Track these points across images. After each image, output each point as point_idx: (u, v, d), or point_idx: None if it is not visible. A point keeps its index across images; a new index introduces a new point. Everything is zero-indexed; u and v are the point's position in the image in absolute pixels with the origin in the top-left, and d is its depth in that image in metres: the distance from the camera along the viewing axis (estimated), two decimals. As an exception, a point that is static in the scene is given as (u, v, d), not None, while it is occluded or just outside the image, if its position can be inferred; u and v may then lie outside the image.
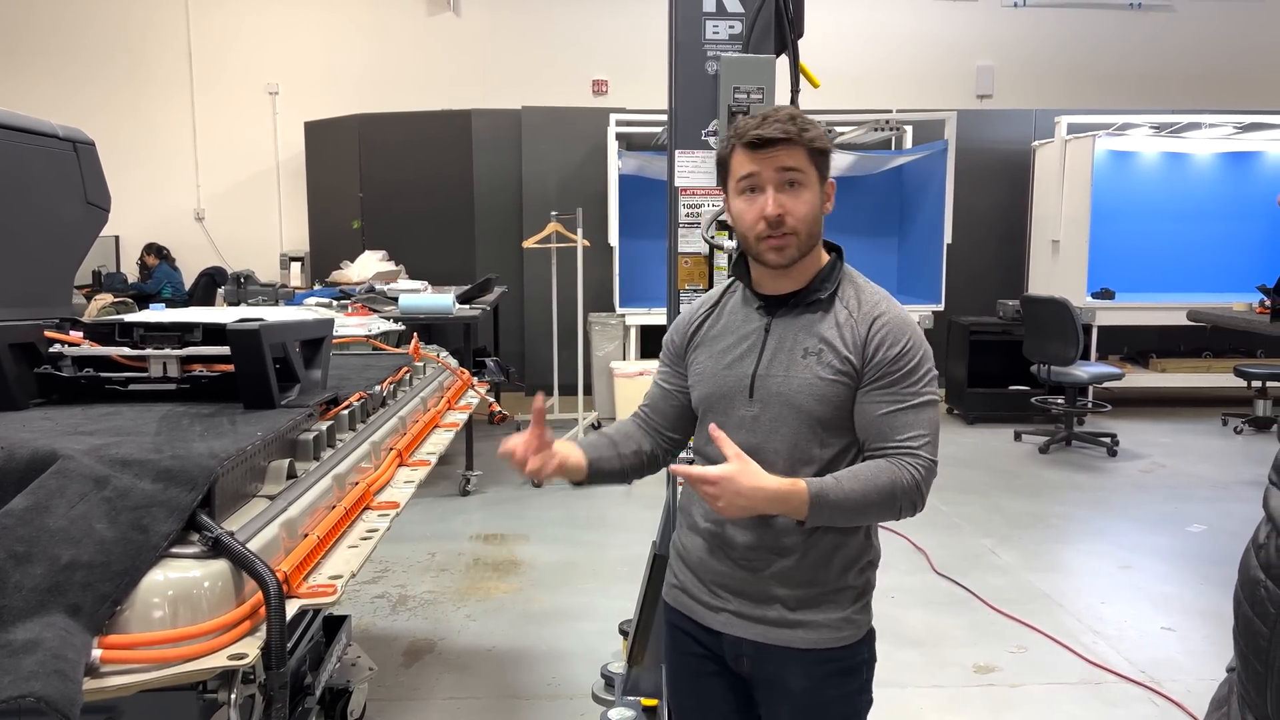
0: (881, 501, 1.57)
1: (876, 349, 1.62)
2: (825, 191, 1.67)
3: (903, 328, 1.64)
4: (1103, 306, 8.01)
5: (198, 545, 1.29)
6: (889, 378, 1.61)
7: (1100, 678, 3.50)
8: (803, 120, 1.63)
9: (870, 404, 1.62)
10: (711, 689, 1.81)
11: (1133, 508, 5.61)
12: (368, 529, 1.71)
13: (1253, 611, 1.00)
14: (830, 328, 1.65)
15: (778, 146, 1.60)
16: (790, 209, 1.61)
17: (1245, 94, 9.97)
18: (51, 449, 1.34)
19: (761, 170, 1.62)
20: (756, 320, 1.72)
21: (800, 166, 1.61)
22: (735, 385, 1.70)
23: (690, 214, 2.38)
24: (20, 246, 2.03)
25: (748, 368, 1.69)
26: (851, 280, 1.71)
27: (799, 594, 1.67)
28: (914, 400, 1.61)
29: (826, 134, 1.66)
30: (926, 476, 1.59)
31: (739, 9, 2.32)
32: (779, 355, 1.67)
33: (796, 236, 1.63)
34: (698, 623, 1.78)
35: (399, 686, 3.42)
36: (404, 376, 2.64)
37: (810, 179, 1.63)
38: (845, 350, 1.63)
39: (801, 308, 1.68)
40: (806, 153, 1.62)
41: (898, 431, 1.60)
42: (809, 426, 1.64)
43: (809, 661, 1.68)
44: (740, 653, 1.73)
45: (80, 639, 1.12)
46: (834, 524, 1.62)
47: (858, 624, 1.71)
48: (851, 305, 1.67)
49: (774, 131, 1.60)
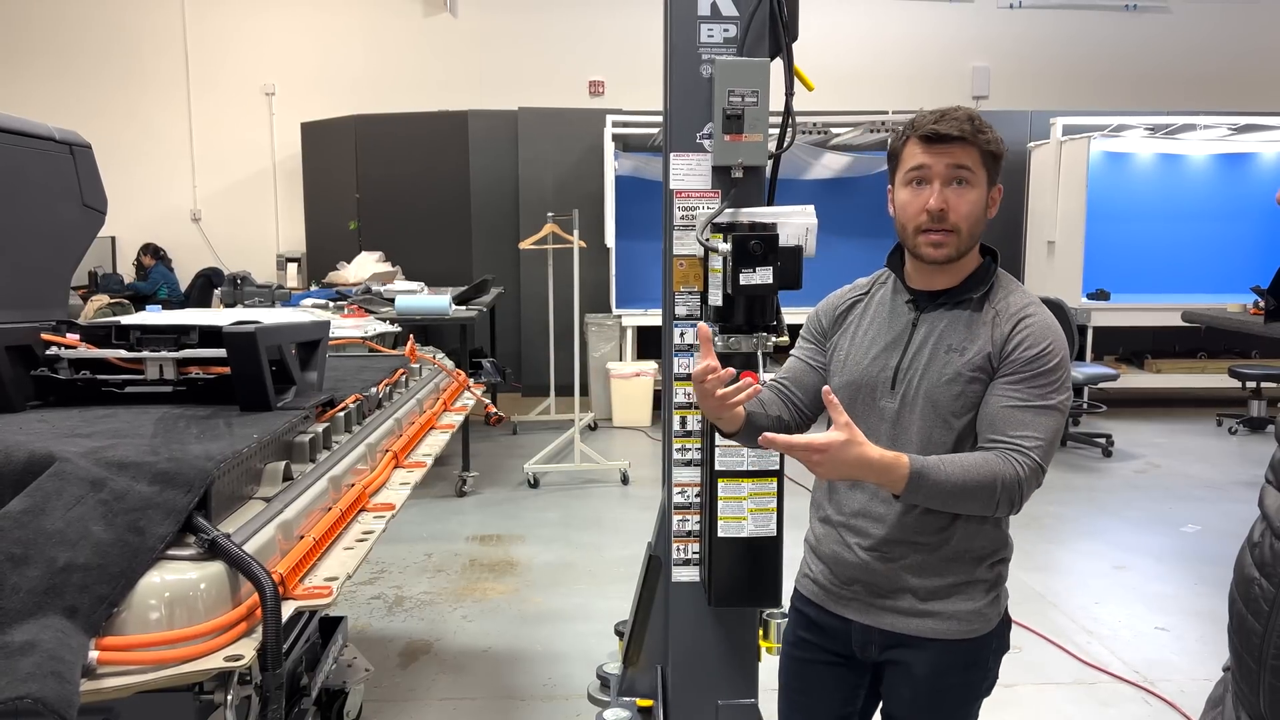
0: (980, 490, 1.57)
1: (1015, 346, 1.63)
2: (993, 196, 1.69)
3: (1045, 332, 1.64)
4: (1098, 307, 8.03)
5: (194, 547, 1.29)
6: (1020, 374, 1.62)
7: (1094, 678, 3.52)
8: (980, 122, 1.66)
9: (994, 395, 1.64)
10: (820, 676, 1.85)
11: (1127, 508, 5.63)
12: (364, 531, 1.72)
13: (1247, 609, 1.02)
14: (977, 327, 1.67)
15: (953, 143, 1.63)
16: (954, 205, 1.63)
17: (1240, 95, 9.99)
18: (48, 451, 1.35)
19: (933, 164, 1.64)
20: (905, 314, 1.74)
21: (971, 166, 1.64)
22: (878, 376, 1.73)
23: (685, 216, 2.38)
24: (16, 249, 2.04)
25: (892, 360, 1.72)
26: (1004, 285, 1.73)
27: (930, 584, 1.70)
28: (1038, 402, 1.61)
29: (1001, 140, 1.69)
30: (1030, 477, 1.60)
31: (734, 12, 2.32)
32: (923, 350, 1.69)
33: (957, 234, 1.65)
34: (825, 610, 1.82)
35: (395, 687, 3.43)
36: (400, 378, 2.65)
37: (979, 180, 1.65)
38: (988, 348, 1.65)
39: (951, 305, 1.70)
40: (980, 154, 1.64)
41: (1013, 428, 1.61)
42: (944, 421, 1.67)
43: (937, 651, 1.71)
44: (869, 640, 1.77)
45: (77, 640, 1.12)
46: (928, 504, 1.62)
47: (987, 617, 1.72)
48: (1000, 307, 1.69)
49: (950, 128, 1.63)
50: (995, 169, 1.68)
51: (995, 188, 1.69)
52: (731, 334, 2.27)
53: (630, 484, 6.06)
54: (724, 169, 2.32)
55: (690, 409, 2.43)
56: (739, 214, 2.31)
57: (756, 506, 2.25)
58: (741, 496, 2.25)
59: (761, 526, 2.25)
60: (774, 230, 2.21)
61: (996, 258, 1.76)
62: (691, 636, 2.45)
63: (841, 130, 8.34)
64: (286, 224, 10.14)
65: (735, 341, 2.27)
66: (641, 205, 8.05)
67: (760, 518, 2.25)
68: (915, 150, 1.66)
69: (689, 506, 2.46)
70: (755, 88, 2.26)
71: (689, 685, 2.46)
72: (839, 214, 7.17)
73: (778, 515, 2.25)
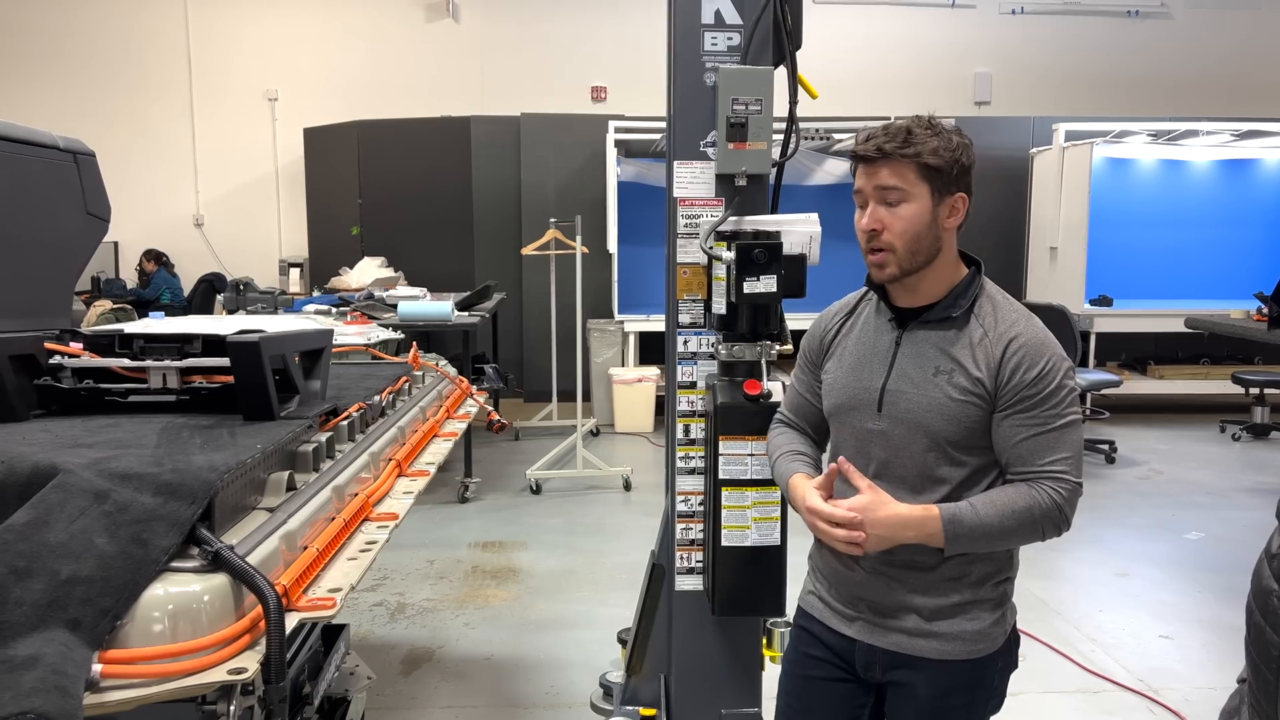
0: (1021, 526, 1.57)
1: (1013, 372, 1.59)
2: (952, 205, 1.63)
3: (1040, 349, 1.60)
4: (1101, 313, 8.02)
5: (197, 559, 1.29)
6: (1028, 401, 1.58)
7: (1098, 686, 3.51)
8: (917, 134, 1.59)
9: (1010, 428, 1.60)
10: (823, 695, 1.82)
11: (1130, 514, 5.62)
12: (367, 541, 1.71)
13: (1265, 621, 1.01)
14: (964, 347, 1.63)
15: (877, 163, 1.61)
16: (888, 224, 1.61)
17: (1242, 101, 10.00)
18: (52, 463, 1.34)
19: (864, 186, 1.64)
20: (888, 333, 1.71)
21: (899, 184, 1.59)
22: (863, 397, 1.70)
23: (689, 224, 2.38)
24: (20, 258, 2.04)
25: (876, 380, 1.69)
26: (990, 297, 1.69)
27: (934, 604, 1.68)
28: (1056, 423, 1.58)
29: (955, 146, 1.61)
30: (1069, 498, 1.58)
31: (737, 20, 2.32)
32: (910, 372, 1.66)
33: (894, 252, 1.62)
34: (830, 628, 1.80)
35: (397, 695, 3.42)
36: (403, 386, 2.65)
37: (915, 195, 1.60)
38: (976, 371, 1.61)
39: (934, 323, 1.67)
40: (916, 167, 1.59)
41: (1039, 456, 1.58)
42: (938, 446, 1.63)
43: (941, 671, 1.69)
44: (873, 660, 1.75)
45: (80, 654, 1.12)
46: (975, 549, 1.61)
47: (993, 637, 1.70)
48: (988, 324, 1.64)
49: (868, 149, 1.61)
50: (942, 179, 1.60)
51: (953, 196, 1.63)
52: (735, 342, 2.27)
53: (632, 490, 6.06)
54: (728, 177, 2.32)
55: (694, 416, 2.43)
56: (742, 222, 2.32)
57: (760, 515, 2.25)
58: (745, 505, 2.24)
59: (765, 535, 2.25)
60: (778, 239, 2.21)
61: (981, 268, 1.72)
62: (695, 645, 2.45)
63: (844, 136, 8.34)
64: (289, 229, 10.16)
65: (739, 350, 2.27)
66: (644, 211, 8.05)
67: (764, 526, 2.25)
68: (856, 171, 1.66)
69: (692, 515, 2.45)
70: (759, 96, 2.26)
71: (692, 694, 2.45)
72: (841, 220, 7.10)
73: (781, 524, 2.25)
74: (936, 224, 1.63)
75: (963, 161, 1.63)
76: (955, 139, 1.62)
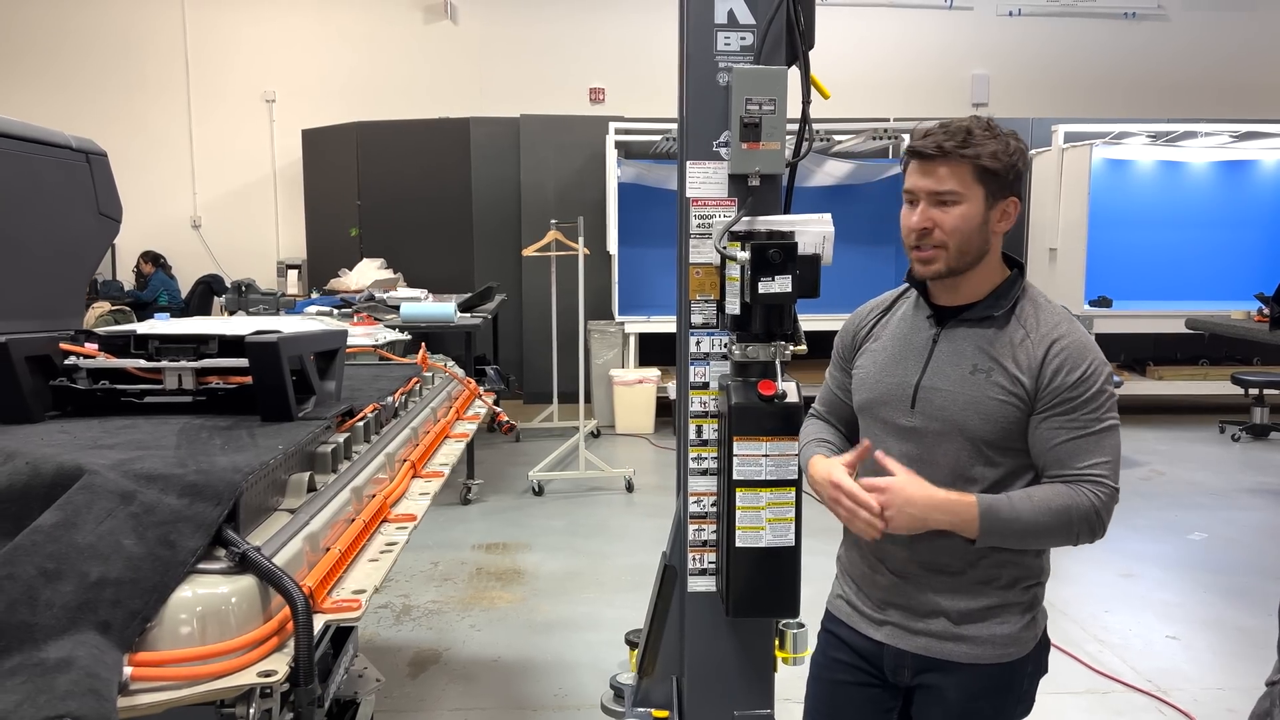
0: (1055, 525, 1.56)
1: (1055, 374, 1.58)
2: (1003, 209, 1.63)
3: (1083, 352, 1.60)
4: (1100, 314, 8.03)
5: (224, 561, 1.28)
6: (1068, 404, 1.58)
7: (1107, 687, 3.51)
8: (976, 135, 1.59)
9: (1049, 430, 1.59)
10: (851, 698, 1.81)
11: (1133, 515, 5.62)
12: (386, 542, 1.70)
13: None
14: (1004, 346, 1.62)
15: (935, 161, 1.60)
16: (940, 221, 1.60)
17: (1240, 103, 10.03)
18: (76, 464, 1.33)
19: (917, 185, 1.62)
20: (925, 330, 1.71)
21: (954, 186, 1.59)
22: (896, 392, 1.70)
23: (701, 225, 2.37)
24: (34, 258, 2.02)
25: (910, 375, 1.68)
26: (1032, 299, 1.68)
27: (964, 607, 1.67)
28: (1096, 427, 1.58)
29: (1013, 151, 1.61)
30: (1107, 503, 1.58)
31: (750, 20, 2.31)
32: (946, 369, 1.65)
33: (945, 249, 1.61)
34: (858, 632, 1.79)
35: (405, 697, 3.41)
36: (414, 387, 2.64)
37: (969, 197, 1.59)
38: (1017, 371, 1.60)
39: (974, 322, 1.66)
40: (971, 169, 1.58)
41: (1078, 459, 1.58)
42: (974, 445, 1.62)
43: (970, 675, 1.68)
44: (901, 664, 1.74)
45: (112, 656, 1.11)
46: (1005, 544, 1.60)
47: (1023, 641, 1.69)
48: (1029, 325, 1.63)
49: (928, 146, 1.60)
50: (998, 182, 1.60)
51: (1006, 200, 1.63)
52: (749, 343, 2.27)
53: (635, 491, 6.05)
54: (741, 177, 2.31)
55: (706, 417, 2.42)
56: (756, 222, 2.31)
57: (775, 516, 2.24)
58: (760, 506, 2.23)
59: (780, 536, 2.23)
60: (792, 239, 2.20)
61: (1024, 270, 1.72)
62: (708, 647, 2.44)
63: (842, 137, 8.35)
64: (287, 231, 10.13)
65: (753, 350, 2.26)
66: (643, 212, 8.04)
67: (779, 527, 2.23)
68: (910, 168, 1.65)
69: (705, 516, 2.44)
70: (773, 96, 2.25)
71: (705, 696, 2.44)
72: (841, 221, 7.07)
73: (796, 524, 2.23)
74: (987, 227, 1.63)
75: (1019, 167, 1.63)
76: (1013, 143, 1.62)
